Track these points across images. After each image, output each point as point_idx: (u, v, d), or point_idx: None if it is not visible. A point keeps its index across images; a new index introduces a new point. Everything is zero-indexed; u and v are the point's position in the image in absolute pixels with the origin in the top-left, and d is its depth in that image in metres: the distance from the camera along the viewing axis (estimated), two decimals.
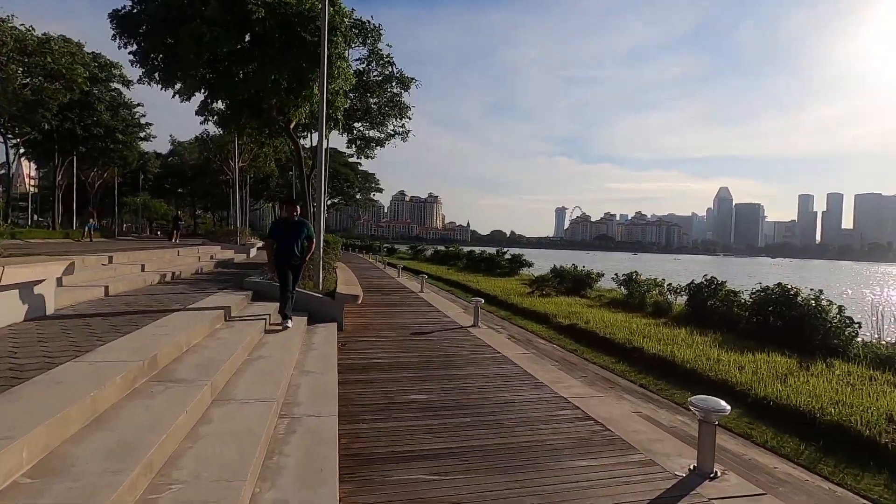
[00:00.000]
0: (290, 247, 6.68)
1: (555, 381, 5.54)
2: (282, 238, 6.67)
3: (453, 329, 8.69)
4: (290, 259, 6.72)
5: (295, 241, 6.71)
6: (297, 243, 6.73)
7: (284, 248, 6.68)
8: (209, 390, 3.60)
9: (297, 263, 6.85)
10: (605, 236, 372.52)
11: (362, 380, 5.40)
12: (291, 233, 6.69)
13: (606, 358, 8.99)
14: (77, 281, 7.12)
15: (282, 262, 6.69)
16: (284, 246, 6.67)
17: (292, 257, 6.73)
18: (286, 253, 6.69)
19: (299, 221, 6.89)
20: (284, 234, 6.67)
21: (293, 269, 6.82)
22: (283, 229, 6.70)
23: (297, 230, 6.75)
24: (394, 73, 15.96)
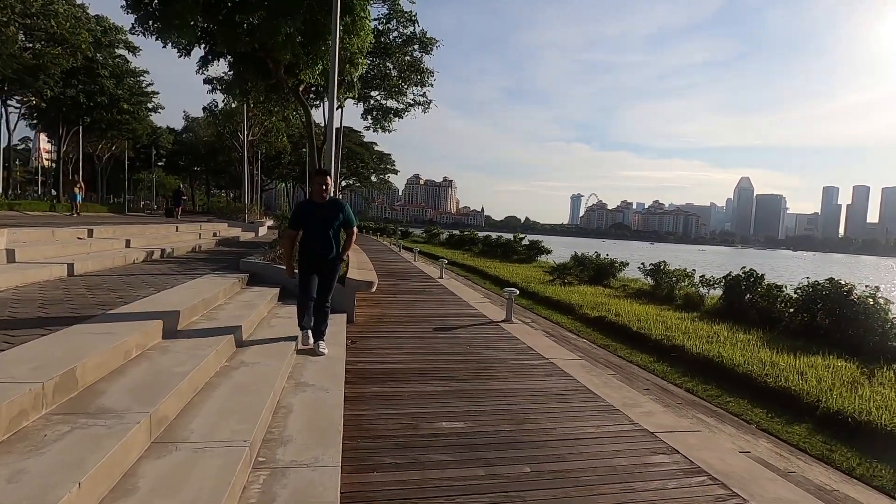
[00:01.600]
0: (321, 239, 4.58)
1: (627, 404, 4.21)
2: (309, 226, 4.61)
3: (483, 324, 7.39)
4: (321, 257, 4.61)
5: (327, 231, 4.59)
6: (330, 233, 4.61)
7: (312, 242, 4.60)
8: (146, 427, 2.34)
9: (330, 264, 4.69)
10: (622, 225, 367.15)
11: (376, 395, 4.13)
12: (322, 218, 4.57)
13: (642, 356, 7.86)
14: (37, 257, 5.94)
15: (309, 262, 4.62)
16: (312, 238, 4.59)
17: (324, 255, 4.61)
18: (315, 248, 4.59)
19: (333, 202, 4.74)
20: (312, 221, 4.59)
21: (325, 271, 4.70)
22: (310, 214, 4.60)
23: (331, 214, 4.61)
24: (416, 34, 14.44)
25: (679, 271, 13.98)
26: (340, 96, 11.29)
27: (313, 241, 4.61)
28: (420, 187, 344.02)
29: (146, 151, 42.81)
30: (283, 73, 10.07)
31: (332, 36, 7.62)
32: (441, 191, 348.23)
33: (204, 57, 10.74)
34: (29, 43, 20.61)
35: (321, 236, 4.59)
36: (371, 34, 10.30)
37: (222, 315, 4.79)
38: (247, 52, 9.56)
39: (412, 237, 51.69)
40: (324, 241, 4.60)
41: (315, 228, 4.61)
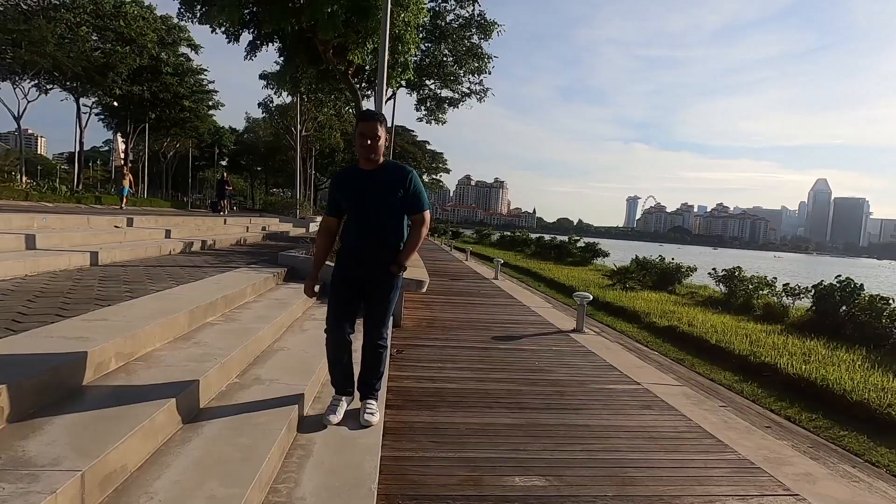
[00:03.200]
0: (367, 230, 2.65)
1: (770, 459, 3.03)
2: (354, 205, 2.66)
3: (550, 334, 6.31)
4: (367, 262, 2.67)
5: (379, 216, 2.64)
6: (384, 220, 2.65)
7: (353, 235, 2.69)
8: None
9: (381, 275, 2.70)
10: (681, 228, 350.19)
11: (425, 426, 3.18)
12: (370, 195, 2.63)
13: (725, 374, 6.56)
14: (62, 244, 5.45)
15: (347, 270, 2.71)
16: (353, 228, 2.69)
17: (371, 257, 2.66)
18: (356, 245, 2.68)
19: (392, 167, 2.70)
20: (354, 199, 2.66)
21: (374, 287, 2.72)
22: (351, 188, 2.67)
23: (386, 188, 2.63)
24: (474, 16, 13.46)
25: (758, 278, 12.46)
26: (393, 82, 10.51)
27: (355, 233, 2.66)
28: (471, 188, 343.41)
29: (209, 150, 44.48)
30: (331, 55, 9.39)
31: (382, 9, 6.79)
32: (492, 192, 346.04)
33: (252, 42, 10.29)
34: (100, 43, 21.49)
35: (367, 225, 2.62)
36: (426, 10, 9.45)
37: (245, 315, 4.00)
38: (294, 32, 8.94)
39: (463, 238, 51.05)
40: (371, 233, 2.62)
41: (358, 212, 2.63)
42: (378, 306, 2.77)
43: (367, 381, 2.90)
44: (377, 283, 2.73)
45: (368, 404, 2.86)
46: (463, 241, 41.62)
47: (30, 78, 20.49)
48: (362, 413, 2.80)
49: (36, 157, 54.01)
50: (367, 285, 2.72)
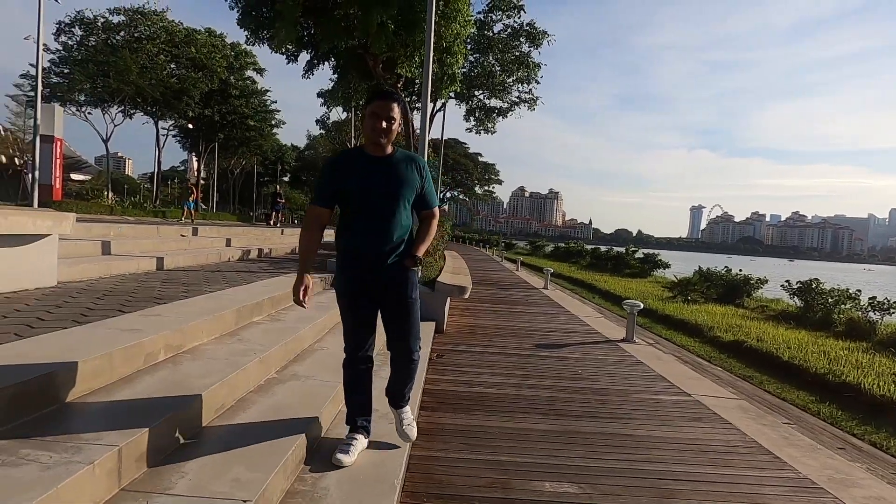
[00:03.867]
0: (378, 226, 2.21)
1: (835, 480, 2.74)
2: (354, 200, 2.21)
3: (597, 343, 6.09)
4: (378, 264, 2.24)
5: (392, 209, 2.21)
6: (397, 215, 2.22)
7: (360, 233, 2.23)
8: (107, 468, 1.61)
9: (398, 278, 2.29)
10: (752, 238, 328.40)
11: (457, 429, 3.15)
12: (382, 184, 2.20)
13: (798, 393, 6.00)
14: (133, 250, 5.93)
15: (358, 276, 2.28)
16: (360, 224, 2.23)
17: (383, 258, 2.23)
18: (364, 245, 2.23)
19: (406, 155, 2.31)
20: (361, 189, 2.19)
21: (392, 294, 2.31)
22: (356, 174, 2.20)
23: (399, 177, 2.22)
24: (522, 26, 13.44)
25: (839, 291, 11.44)
26: (443, 93, 10.69)
27: (362, 230, 2.23)
28: (525, 199, 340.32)
29: (273, 167, 47.03)
30: (381, 69, 9.71)
31: (426, 21, 6.96)
32: (546, 203, 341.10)
33: (309, 61, 10.85)
34: (175, 70, 23.44)
35: (378, 220, 2.21)
36: (472, 22, 9.57)
37: (289, 316, 4.17)
38: (347, 49, 9.35)
39: (516, 249, 50.59)
40: (383, 229, 2.21)
41: (366, 204, 2.20)
42: (403, 317, 2.34)
43: (398, 391, 2.50)
44: (395, 288, 2.29)
45: (404, 414, 2.55)
46: (515, 253, 41.22)
47: (116, 104, 22.71)
48: (400, 424, 2.52)
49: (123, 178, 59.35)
50: (383, 292, 2.29)
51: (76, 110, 22.33)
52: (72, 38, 21.61)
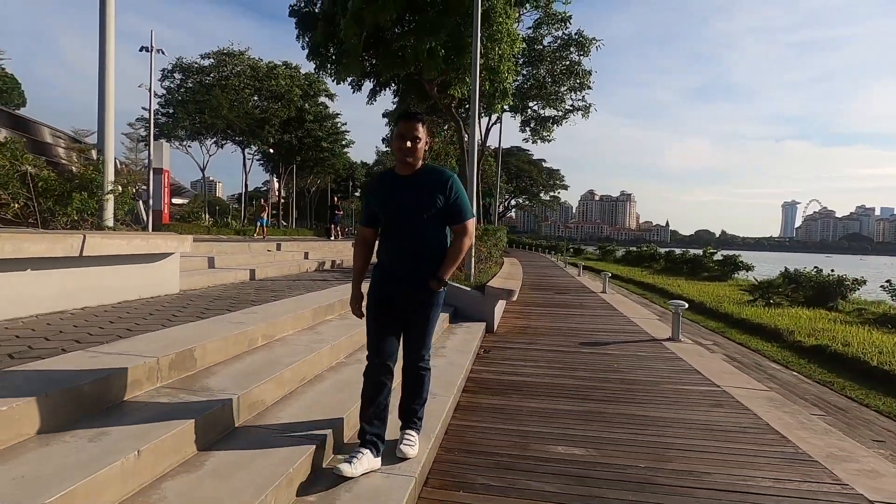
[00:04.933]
0: (404, 242, 2.44)
1: (834, 456, 3.00)
2: (389, 214, 2.44)
3: (641, 341, 6.38)
4: (402, 279, 2.43)
5: (417, 226, 2.40)
6: (422, 231, 2.41)
7: (388, 249, 2.49)
8: (234, 407, 2.40)
9: (420, 294, 2.44)
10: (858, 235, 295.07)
11: (492, 407, 3.74)
12: (408, 202, 2.39)
13: (887, 399, 5.78)
14: (231, 264, 7.10)
15: (383, 289, 2.48)
16: (388, 241, 2.49)
17: (408, 274, 2.42)
18: (391, 260, 2.48)
19: (430, 171, 2.46)
20: (394, 204, 2.42)
21: (412, 307, 2.46)
22: (390, 192, 2.45)
23: (424, 194, 2.38)
24: (572, 36, 13.80)
25: None
26: (497, 108, 11.34)
27: (391, 246, 2.47)
28: (595, 203, 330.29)
29: (345, 183, 49.97)
30: (436, 92, 10.54)
31: (472, 46, 7.65)
32: (618, 205, 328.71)
33: (372, 89, 11.97)
34: (258, 101, 26.09)
35: (404, 236, 2.42)
36: (520, 41, 10.14)
37: None
38: (405, 76, 10.27)
39: (585, 254, 49.54)
40: (409, 245, 2.42)
41: (393, 221, 2.44)
42: (418, 326, 2.50)
43: (408, 408, 2.62)
44: (417, 302, 2.44)
45: (408, 435, 2.58)
46: (584, 258, 40.48)
47: (210, 137, 25.73)
48: (400, 442, 2.54)
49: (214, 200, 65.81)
50: (407, 304, 2.45)
51: (179, 144, 25.58)
52: (173, 82, 24.88)
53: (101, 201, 4.57)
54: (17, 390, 1.93)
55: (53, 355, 2.50)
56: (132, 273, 4.38)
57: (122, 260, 4.23)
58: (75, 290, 3.83)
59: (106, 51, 4.68)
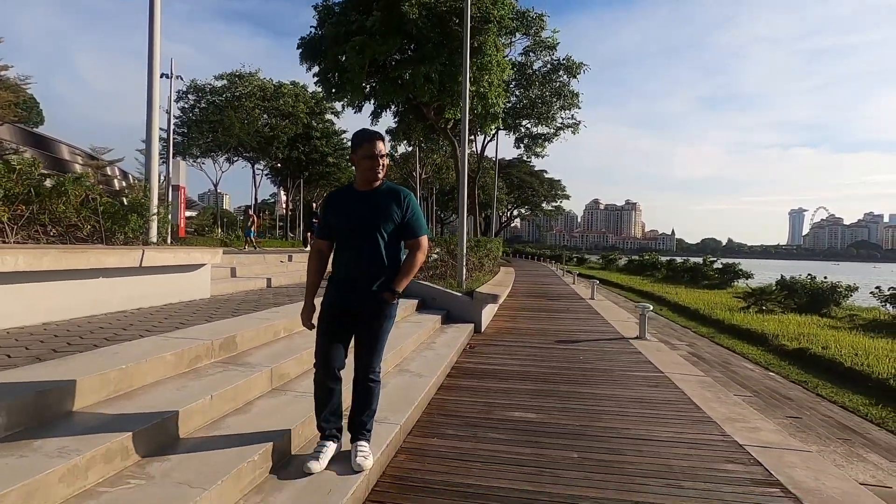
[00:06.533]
0: (359, 255, 2.51)
1: (730, 418, 3.85)
2: (347, 228, 2.54)
3: (610, 339, 7.22)
4: (356, 290, 2.52)
5: (374, 240, 2.50)
6: (379, 245, 2.50)
7: (343, 261, 2.57)
8: (267, 376, 3.30)
9: (372, 304, 2.52)
10: (866, 243, 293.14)
11: (468, 387, 4.61)
12: (365, 216, 2.51)
13: (855, 397, 6.41)
14: (249, 274, 8.04)
15: (336, 300, 2.58)
16: (344, 254, 2.57)
17: (362, 285, 2.51)
18: (346, 272, 2.56)
19: (388, 190, 2.57)
20: (352, 219, 2.53)
21: (364, 317, 2.55)
22: (348, 207, 2.57)
23: (382, 210, 2.51)
24: (560, 61, 14.85)
25: None
26: (487, 129, 12.31)
27: (347, 259, 2.54)
28: (600, 212, 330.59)
29: None
30: (433, 114, 11.53)
31: (462, 76, 8.63)
32: (623, 214, 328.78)
33: (374, 111, 13.01)
34: (267, 120, 27.37)
35: (361, 250, 2.49)
36: (510, 70, 11.13)
37: None
38: (404, 100, 11.28)
39: (588, 264, 50.16)
40: (365, 258, 2.49)
41: (350, 235, 2.51)
42: (369, 337, 2.57)
43: (357, 420, 2.64)
44: (372, 314, 2.52)
45: (361, 447, 2.58)
46: (587, 268, 41.10)
47: (223, 154, 27.00)
48: (354, 456, 2.54)
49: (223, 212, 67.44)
50: (360, 315, 2.53)
51: (193, 161, 26.84)
52: (187, 102, 26.22)
53: (148, 221, 5.51)
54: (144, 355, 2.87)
55: (136, 339, 3.42)
56: (175, 281, 5.31)
57: (168, 270, 5.17)
58: (135, 295, 4.77)
59: (152, 100, 5.67)
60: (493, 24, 10.31)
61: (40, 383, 2.32)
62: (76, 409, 2.37)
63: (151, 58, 5.66)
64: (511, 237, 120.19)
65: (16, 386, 2.26)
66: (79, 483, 1.91)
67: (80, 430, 2.14)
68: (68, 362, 2.72)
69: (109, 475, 2.04)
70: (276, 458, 2.50)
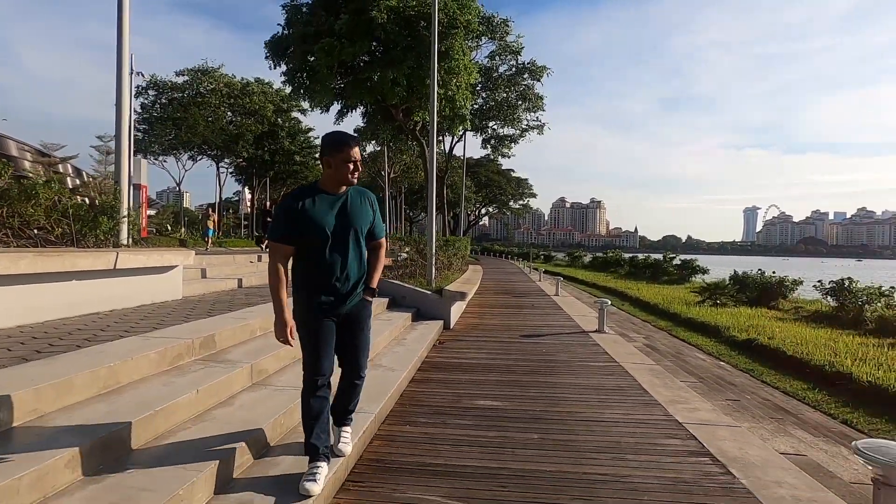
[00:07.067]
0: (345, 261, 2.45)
1: (673, 400, 4.27)
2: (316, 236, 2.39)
3: (571, 333, 7.64)
4: (344, 295, 2.48)
5: (358, 245, 2.51)
6: (360, 250, 2.53)
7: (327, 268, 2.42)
8: (247, 372, 3.48)
9: (358, 307, 2.56)
10: (813, 239, 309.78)
11: (439, 380, 4.89)
12: (349, 218, 2.46)
13: (795, 383, 6.94)
14: (220, 274, 8.08)
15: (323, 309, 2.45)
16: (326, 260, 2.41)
17: (349, 291, 2.49)
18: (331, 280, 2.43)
19: (359, 191, 2.56)
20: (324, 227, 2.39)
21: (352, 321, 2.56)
22: (318, 213, 2.38)
23: (361, 210, 2.52)
24: (525, 64, 15.34)
25: (871, 289, 11.87)
26: (455, 130, 12.61)
27: (327, 264, 2.41)
28: (566, 210, 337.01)
29: None
30: (401, 116, 11.74)
31: (430, 79, 8.89)
32: (589, 212, 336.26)
33: (340, 111, 13.10)
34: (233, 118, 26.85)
35: (343, 254, 2.44)
36: (476, 72, 11.46)
37: None
38: (372, 102, 11.44)
39: (555, 261, 51.23)
40: (348, 262, 2.45)
41: (328, 238, 2.39)
42: (359, 340, 2.59)
43: (342, 409, 2.74)
44: (355, 317, 2.54)
45: (344, 432, 2.77)
46: (554, 265, 41.99)
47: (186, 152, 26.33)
48: (336, 441, 2.69)
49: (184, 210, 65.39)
50: (344, 321, 2.52)
51: (154, 159, 26.09)
52: (147, 99, 25.43)
53: (119, 224, 5.54)
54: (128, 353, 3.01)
55: (116, 339, 3.54)
56: (148, 282, 5.38)
57: (141, 272, 5.23)
58: (108, 296, 4.83)
59: (122, 101, 5.69)
60: (460, 29, 10.62)
61: (34, 381, 2.46)
62: (70, 403, 2.53)
63: (120, 57, 5.68)
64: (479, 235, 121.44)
65: (12, 383, 2.40)
66: (77, 471, 2.08)
67: (77, 423, 2.31)
68: (56, 361, 2.85)
69: (107, 462, 2.22)
70: (260, 445, 2.72)
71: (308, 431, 2.48)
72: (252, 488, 2.34)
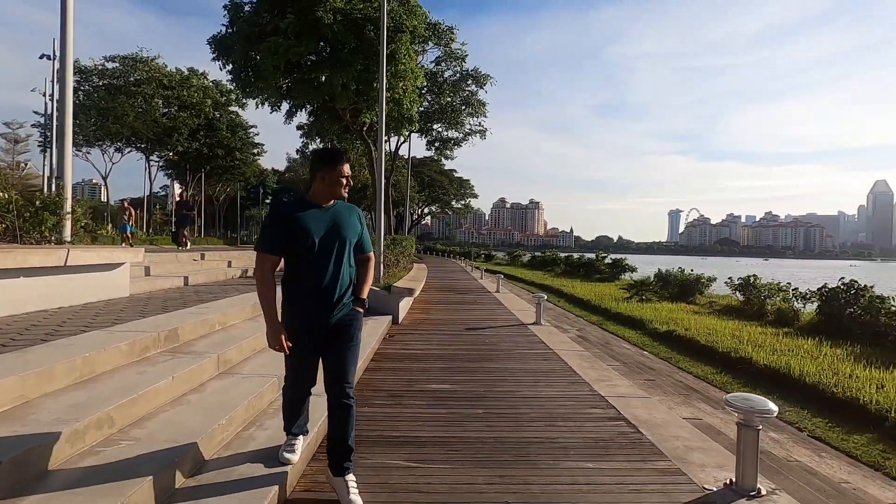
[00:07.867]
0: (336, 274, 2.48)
1: (599, 379, 4.92)
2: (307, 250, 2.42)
3: (511, 325, 8.26)
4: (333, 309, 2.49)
5: (346, 252, 2.52)
6: (349, 256, 2.55)
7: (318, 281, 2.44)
8: (214, 361, 3.69)
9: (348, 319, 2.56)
10: (728, 240, 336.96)
11: (391, 368, 5.28)
12: (340, 231, 2.49)
13: (705, 368, 7.85)
14: (164, 272, 7.96)
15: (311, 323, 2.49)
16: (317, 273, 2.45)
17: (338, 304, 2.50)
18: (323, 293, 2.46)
19: (346, 205, 2.62)
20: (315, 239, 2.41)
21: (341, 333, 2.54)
22: (318, 222, 2.45)
23: (350, 223, 2.55)
24: (469, 72, 15.98)
25: (771, 285, 13.36)
26: (403, 132, 12.95)
27: (318, 276, 2.44)
28: (506, 210, 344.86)
29: (255, 191, 48.99)
30: (349, 116, 11.92)
31: (378, 83, 9.21)
32: (528, 213, 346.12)
33: (289, 110, 13.06)
34: (166, 109, 25.53)
35: (336, 266, 2.48)
36: (422, 76, 11.87)
37: None
38: (319, 101, 11.54)
39: (495, 260, 52.70)
40: (340, 274, 2.49)
41: (320, 251, 2.43)
42: (348, 352, 2.54)
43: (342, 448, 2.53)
44: (346, 329, 2.52)
45: (350, 481, 2.51)
46: (495, 264, 43.24)
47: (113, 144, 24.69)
48: (347, 493, 2.44)
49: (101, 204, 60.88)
50: (334, 332, 2.50)
51: (77, 151, 24.21)
52: None
53: (63, 220, 5.45)
54: (100, 345, 3.15)
55: (80, 333, 3.63)
56: (95, 279, 5.33)
57: (88, 269, 5.19)
58: (55, 294, 4.78)
59: (65, 92, 5.57)
60: (406, 34, 10.97)
61: (14, 370, 2.60)
62: (52, 390, 2.68)
63: (64, 45, 5.55)
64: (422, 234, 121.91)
65: None
66: (78, 445, 2.30)
67: (65, 407, 2.50)
68: (30, 353, 2.96)
69: (100, 439, 2.43)
70: (237, 424, 3.00)
71: (287, 423, 2.77)
72: (235, 461, 2.63)
